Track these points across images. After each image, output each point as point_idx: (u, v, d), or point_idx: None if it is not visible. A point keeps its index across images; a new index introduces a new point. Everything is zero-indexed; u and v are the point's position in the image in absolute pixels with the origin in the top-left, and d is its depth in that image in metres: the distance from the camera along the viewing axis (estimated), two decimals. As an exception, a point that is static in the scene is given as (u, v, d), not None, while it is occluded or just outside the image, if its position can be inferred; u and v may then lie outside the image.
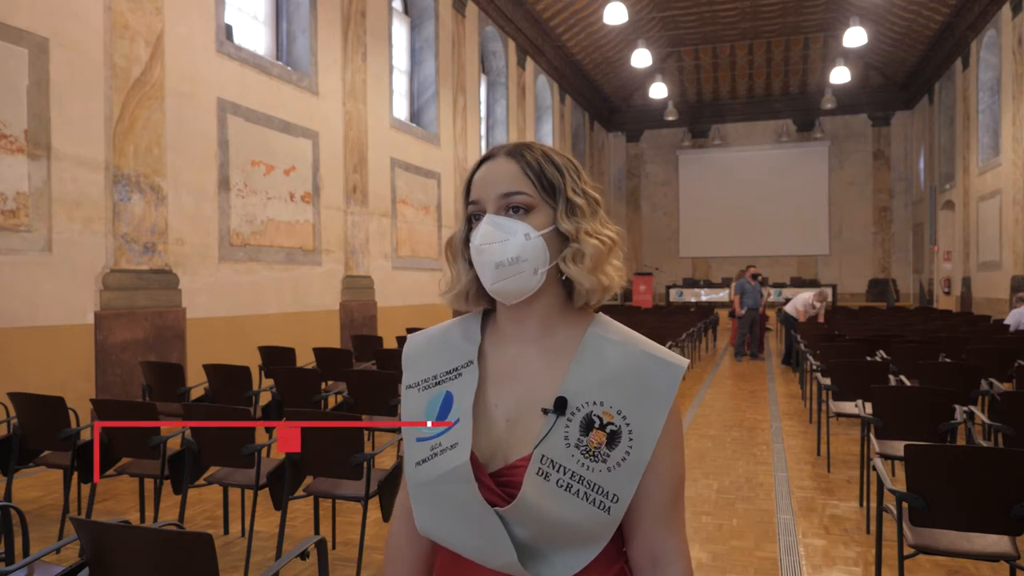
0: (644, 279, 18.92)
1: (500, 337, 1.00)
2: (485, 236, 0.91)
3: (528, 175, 0.94)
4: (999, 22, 12.68)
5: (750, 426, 6.11)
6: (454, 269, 1.02)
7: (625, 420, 0.90)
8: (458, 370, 0.97)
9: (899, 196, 20.71)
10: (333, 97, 8.68)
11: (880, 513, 2.75)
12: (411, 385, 1.01)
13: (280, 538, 3.03)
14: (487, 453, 0.92)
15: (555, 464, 0.88)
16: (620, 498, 0.89)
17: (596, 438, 0.89)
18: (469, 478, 0.88)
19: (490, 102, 14.74)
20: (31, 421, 3.53)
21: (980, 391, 4.60)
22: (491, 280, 0.91)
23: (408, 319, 9.80)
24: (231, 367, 4.70)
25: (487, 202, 0.94)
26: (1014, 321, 8.27)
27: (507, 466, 0.91)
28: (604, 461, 0.89)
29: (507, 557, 0.87)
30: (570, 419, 0.90)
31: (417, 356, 1.03)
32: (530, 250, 0.91)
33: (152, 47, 6.03)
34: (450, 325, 1.05)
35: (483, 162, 0.98)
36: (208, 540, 1.50)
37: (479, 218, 0.95)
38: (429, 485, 0.91)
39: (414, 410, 0.98)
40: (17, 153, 5.02)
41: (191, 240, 6.47)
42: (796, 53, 19.80)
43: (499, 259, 0.90)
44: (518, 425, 0.93)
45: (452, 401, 0.95)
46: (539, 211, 0.94)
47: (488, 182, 0.95)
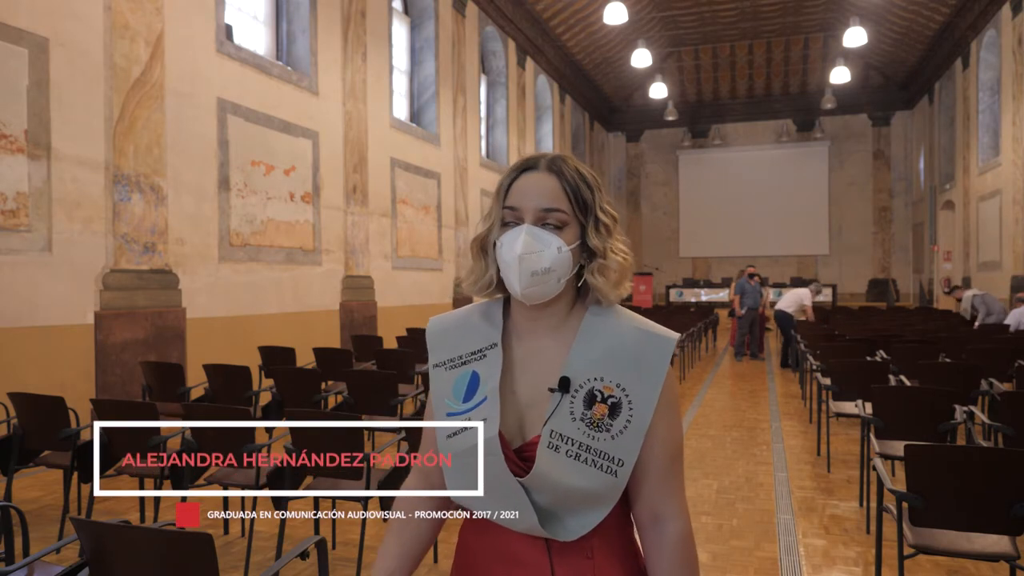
0: (644, 279, 18.89)
1: (516, 329, 1.09)
2: (527, 246, 0.99)
3: (567, 192, 1.02)
4: (999, 22, 12.67)
5: (750, 426, 6.11)
6: (480, 263, 1.09)
7: (624, 392, 1.00)
8: (483, 351, 1.06)
9: (899, 196, 20.70)
10: (333, 97, 8.68)
11: (880, 513, 2.75)
12: (438, 364, 1.09)
13: (280, 538, 3.03)
14: (510, 431, 1.02)
15: (563, 437, 0.98)
16: (625, 462, 0.99)
17: (599, 411, 0.99)
18: (497, 451, 0.98)
19: (490, 102, 14.73)
20: (31, 421, 3.53)
21: (980, 391, 4.60)
22: (523, 286, 1.00)
23: (408, 319, 9.79)
24: (231, 367, 4.70)
25: (526, 212, 1.02)
26: (1014, 321, 8.26)
27: (526, 443, 1.02)
28: (608, 430, 0.99)
29: (530, 520, 0.98)
30: (574, 396, 1.00)
31: (442, 337, 1.11)
32: (560, 262, 1.01)
33: (152, 47, 6.03)
34: (471, 309, 1.13)
35: (524, 171, 1.05)
36: (208, 540, 1.50)
37: (508, 224, 1.03)
38: (461, 456, 1.01)
39: (442, 388, 1.07)
40: (17, 153, 5.02)
41: (191, 240, 6.47)
42: (796, 53, 19.79)
43: (535, 268, 0.99)
44: (534, 406, 1.03)
45: (479, 381, 1.04)
46: (570, 227, 1.03)
47: (529, 193, 1.03)
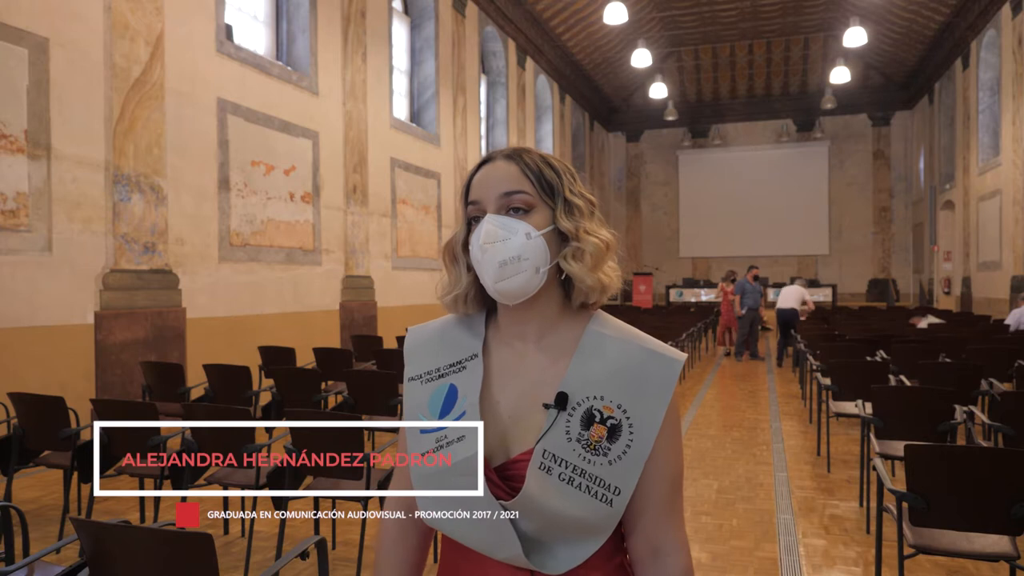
0: (644, 279, 18.88)
1: (501, 336, 1.00)
2: (488, 235, 0.92)
3: (527, 175, 0.95)
4: (999, 22, 12.67)
5: (750, 426, 6.11)
6: (453, 272, 1.01)
7: (625, 414, 0.91)
8: (462, 363, 0.98)
9: (899, 196, 20.70)
10: (333, 97, 8.68)
11: (880, 513, 2.74)
12: (413, 377, 1.01)
13: (280, 538, 3.03)
14: (490, 447, 0.92)
15: (557, 458, 0.89)
16: (622, 490, 0.90)
17: (597, 432, 0.90)
18: (476, 471, 0.89)
19: (490, 102, 14.73)
20: (31, 421, 3.53)
21: (980, 391, 4.60)
22: (494, 279, 0.91)
23: (408, 319, 9.79)
24: (231, 367, 4.70)
25: (488, 202, 0.95)
26: (1014, 321, 8.25)
27: (509, 460, 0.92)
28: (605, 455, 0.90)
29: (512, 550, 0.89)
30: (571, 414, 0.91)
31: (419, 348, 1.03)
32: (531, 249, 0.92)
33: (152, 47, 6.03)
34: (451, 319, 1.04)
35: (481, 165, 0.99)
36: (208, 540, 1.50)
37: (478, 220, 0.96)
38: (434, 476, 0.92)
39: (417, 402, 0.98)
40: (17, 153, 5.02)
41: (191, 240, 6.47)
42: (796, 53, 19.79)
43: (502, 257, 0.91)
44: (520, 421, 0.94)
45: (456, 394, 0.96)
46: (538, 211, 0.95)
47: (488, 183, 0.96)
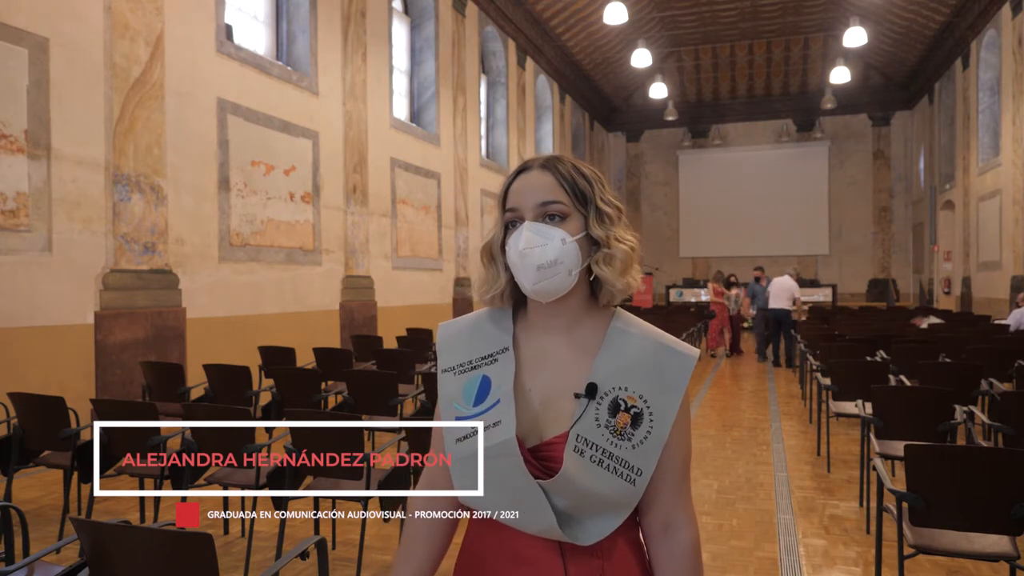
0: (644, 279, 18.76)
1: (531, 329, 1.10)
2: (528, 241, 1.01)
3: (563, 185, 1.04)
4: (999, 22, 12.67)
5: (750, 426, 6.11)
6: (491, 271, 1.10)
7: (646, 403, 1.02)
8: (494, 356, 1.07)
9: (899, 196, 20.69)
10: (333, 97, 8.68)
11: (880, 513, 2.75)
12: (447, 369, 1.10)
13: (280, 538, 3.03)
14: (524, 431, 1.02)
15: (588, 442, 1.00)
16: (643, 471, 1.01)
17: (622, 419, 1.01)
18: (515, 452, 0.98)
19: (490, 102, 14.72)
20: (31, 421, 3.53)
21: (980, 391, 4.60)
22: (532, 281, 1.01)
23: (408, 319, 9.79)
24: (231, 367, 4.70)
25: (525, 210, 1.04)
26: (1014, 321, 8.25)
27: (543, 443, 1.02)
28: (629, 439, 1.01)
29: (547, 523, 0.99)
30: (599, 402, 1.01)
31: (451, 342, 1.12)
32: (566, 254, 1.01)
33: (152, 47, 6.03)
34: (481, 314, 1.14)
35: (518, 174, 1.08)
36: (208, 540, 1.50)
37: (515, 225, 1.05)
38: (472, 459, 1.01)
39: (451, 392, 1.08)
40: (17, 153, 5.02)
41: (191, 240, 6.47)
42: (796, 53, 19.79)
43: (540, 262, 1.00)
44: (551, 407, 1.04)
45: (490, 384, 1.05)
46: (572, 219, 1.04)
47: (525, 192, 1.05)
